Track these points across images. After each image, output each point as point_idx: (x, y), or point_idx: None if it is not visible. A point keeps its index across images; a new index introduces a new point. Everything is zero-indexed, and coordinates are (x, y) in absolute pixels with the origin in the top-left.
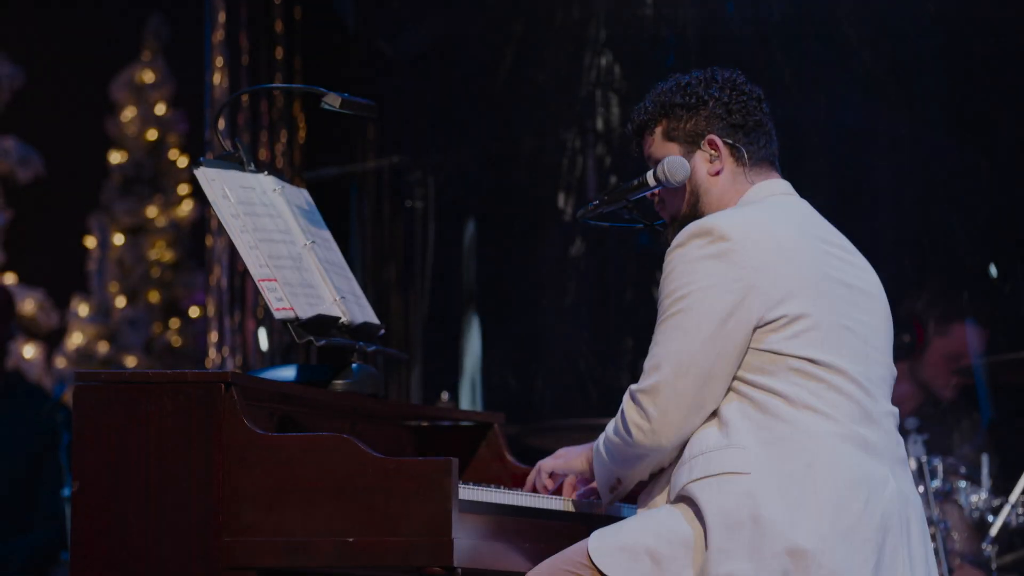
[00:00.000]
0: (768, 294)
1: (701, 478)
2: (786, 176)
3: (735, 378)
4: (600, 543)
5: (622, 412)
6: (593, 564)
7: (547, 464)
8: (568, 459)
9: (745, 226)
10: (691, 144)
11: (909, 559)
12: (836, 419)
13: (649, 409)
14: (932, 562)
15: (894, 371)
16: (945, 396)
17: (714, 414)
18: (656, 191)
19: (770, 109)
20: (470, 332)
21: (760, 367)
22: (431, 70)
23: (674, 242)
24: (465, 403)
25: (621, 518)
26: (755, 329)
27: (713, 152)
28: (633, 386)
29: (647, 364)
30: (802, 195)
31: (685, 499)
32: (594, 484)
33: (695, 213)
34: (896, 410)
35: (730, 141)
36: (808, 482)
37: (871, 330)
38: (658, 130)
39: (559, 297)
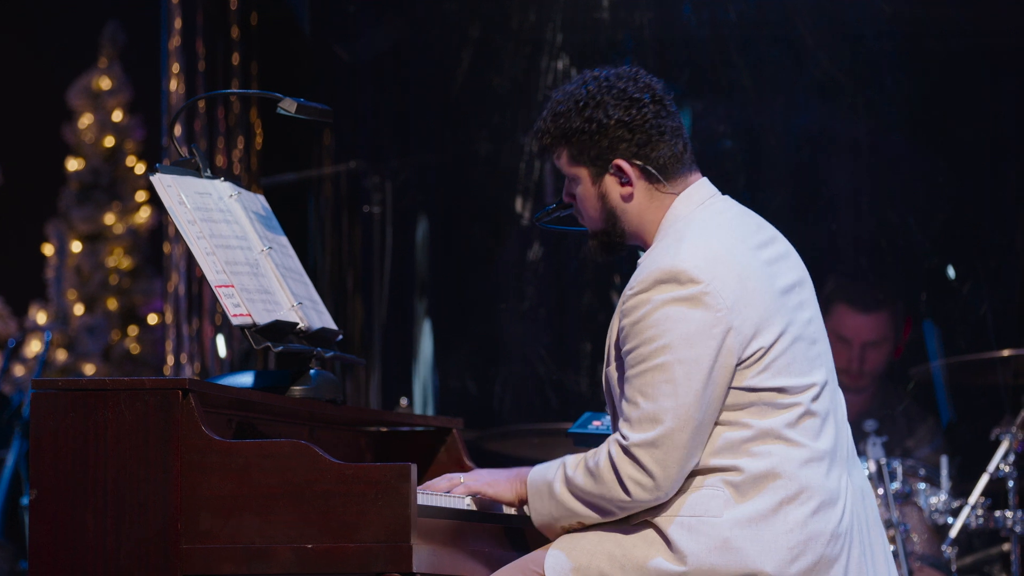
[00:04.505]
0: (742, 332)
1: (671, 515)
2: (744, 179)
3: None
4: (556, 561)
5: (614, 469)
6: None
7: (472, 486)
8: (496, 487)
9: (708, 264)
10: (599, 168)
11: (872, 563)
12: (802, 444)
13: (650, 466)
14: (888, 552)
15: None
16: (849, 383)
17: None
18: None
19: (674, 100)
20: (428, 337)
21: (734, 404)
22: (388, 75)
23: (635, 287)
24: (424, 408)
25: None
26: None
27: (623, 176)
28: (624, 440)
29: (634, 416)
30: (760, 198)
31: (651, 525)
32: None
33: (614, 231)
34: (841, 396)
35: (639, 163)
36: (779, 522)
37: (815, 326)
38: (564, 155)
39: (517, 301)
